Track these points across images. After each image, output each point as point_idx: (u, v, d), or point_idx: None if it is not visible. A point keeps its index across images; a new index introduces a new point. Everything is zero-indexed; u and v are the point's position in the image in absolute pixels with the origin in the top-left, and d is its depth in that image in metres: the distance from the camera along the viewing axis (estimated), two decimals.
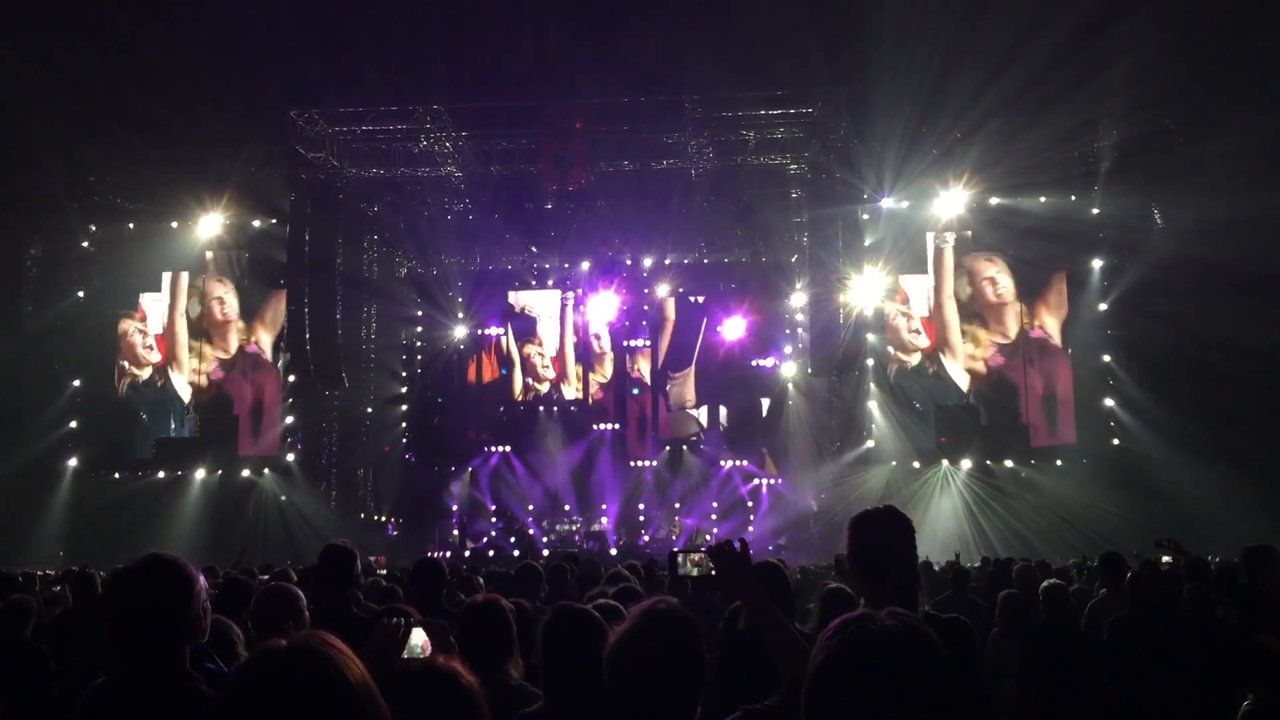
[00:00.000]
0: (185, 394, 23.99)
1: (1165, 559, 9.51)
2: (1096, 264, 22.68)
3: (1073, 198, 22.23)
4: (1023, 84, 18.53)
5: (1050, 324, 23.01)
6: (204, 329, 24.17)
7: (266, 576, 8.71)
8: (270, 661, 1.62)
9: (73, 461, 23.31)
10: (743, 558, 2.84)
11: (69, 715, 2.73)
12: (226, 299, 24.22)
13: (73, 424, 23.50)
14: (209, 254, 24.05)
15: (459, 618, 4.16)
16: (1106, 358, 22.46)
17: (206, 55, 19.47)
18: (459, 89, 21.37)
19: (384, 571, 13.37)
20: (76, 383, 23.56)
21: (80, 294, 23.82)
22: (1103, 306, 22.50)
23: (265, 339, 24.24)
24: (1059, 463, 22.18)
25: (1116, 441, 22.06)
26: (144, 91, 18.95)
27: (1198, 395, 19.97)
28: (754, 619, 2.77)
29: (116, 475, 23.37)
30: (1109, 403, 22.32)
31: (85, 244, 24.01)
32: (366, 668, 1.66)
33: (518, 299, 26.72)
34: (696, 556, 3.03)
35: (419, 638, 2.64)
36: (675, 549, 3.14)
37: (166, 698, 2.49)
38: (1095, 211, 22.21)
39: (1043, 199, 22.23)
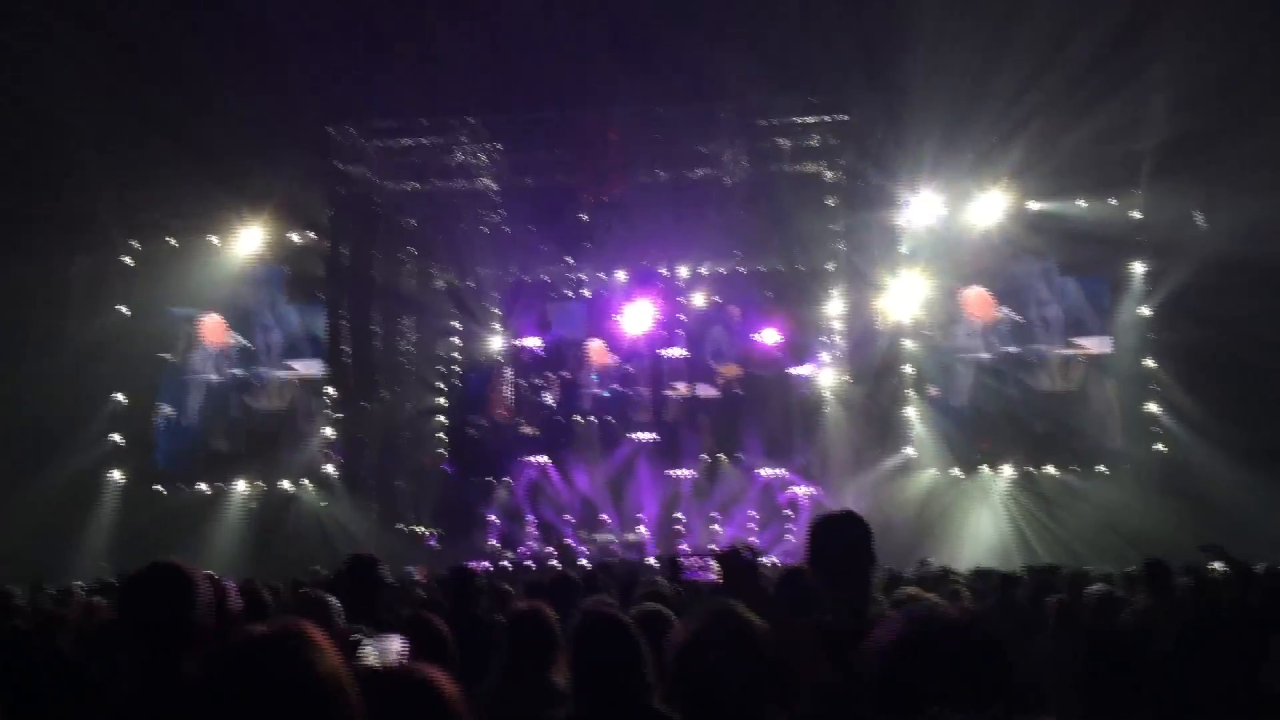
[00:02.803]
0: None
1: (1214, 565, 9.35)
2: (1138, 268, 22.36)
3: (1113, 200, 21.97)
4: (1063, 84, 18.31)
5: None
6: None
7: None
8: (244, 649, 1.62)
9: (116, 475, 23.57)
10: (750, 565, 2.78)
11: None
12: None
13: (116, 437, 23.77)
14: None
15: (507, 625, 4.19)
16: (1150, 362, 22.12)
17: (243, 69, 19.64)
18: (493, 101, 21.44)
19: (420, 579, 13.44)
20: (119, 396, 23.82)
21: (123, 309, 24.10)
22: (1145, 310, 22.18)
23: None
24: (1102, 469, 21.88)
25: (1160, 447, 21.72)
26: (182, 105, 19.18)
27: (1243, 399, 19.63)
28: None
29: (159, 488, 23.63)
30: (1153, 408, 21.98)
31: (127, 259, 24.32)
32: None
33: (554, 312, 26.78)
34: (702, 562, 2.96)
35: (395, 645, 2.61)
36: (676, 554, 3.09)
37: (164, 704, 2.49)
38: (1137, 215, 21.94)
39: (1082, 202, 21.97)
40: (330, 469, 23.61)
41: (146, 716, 2.45)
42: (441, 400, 26.68)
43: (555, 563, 21.41)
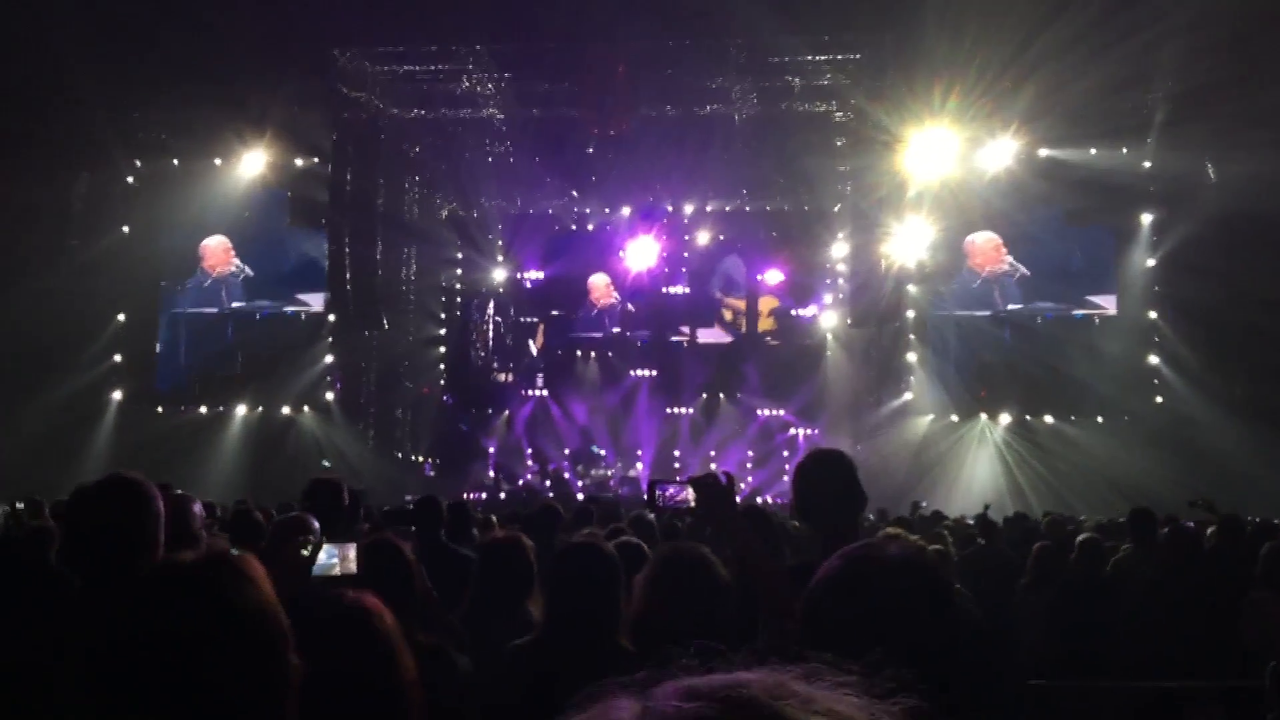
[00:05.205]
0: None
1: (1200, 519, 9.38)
2: (1146, 219, 22.21)
3: (1124, 150, 21.70)
4: (1077, 30, 17.96)
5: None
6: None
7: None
8: (166, 577, 1.58)
9: (117, 395, 23.68)
10: (727, 490, 2.76)
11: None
12: None
13: (117, 358, 23.83)
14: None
15: (480, 554, 4.17)
16: (1153, 314, 22.05)
17: None
18: (501, 29, 21.09)
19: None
20: (121, 317, 23.86)
21: (125, 229, 24.02)
22: (1151, 262, 22.07)
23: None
24: (1100, 419, 21.89)
25: (1160, 399, 21.72)
26: (186, 27, 18.88)
27: (1245, 354, 19.60)
28: (740, 553, 2.70)
29: (160, 409, 23.72)
30: (1154, 360, 21.95)
31: (130, 179, 24.19)
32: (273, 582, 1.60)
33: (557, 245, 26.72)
34: (676, 489, 2.90)
35: (347, 553, 2.59)
36: (656, 479, 3.05)
37: (102, 620, 2.44)
38: (1147, 165, 21.70)
39: (1093, 151, 21.71)
40: (330, 396, 23.68)
41: (83, 632, 2.40)
42: (441, 331, 26.67)
43: (551, 495, 21.56)
